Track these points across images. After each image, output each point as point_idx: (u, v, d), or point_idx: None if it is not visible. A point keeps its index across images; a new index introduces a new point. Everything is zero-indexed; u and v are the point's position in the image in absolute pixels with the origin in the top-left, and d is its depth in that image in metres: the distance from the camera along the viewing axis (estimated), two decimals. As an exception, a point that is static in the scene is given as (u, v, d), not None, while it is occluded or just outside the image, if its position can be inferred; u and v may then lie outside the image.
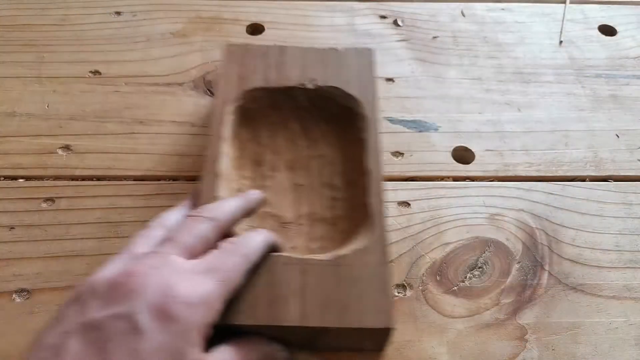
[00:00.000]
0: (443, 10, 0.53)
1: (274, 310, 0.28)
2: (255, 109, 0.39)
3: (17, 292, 0.34)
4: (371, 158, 0.35)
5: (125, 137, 0.42)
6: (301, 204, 0.36)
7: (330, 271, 0.30)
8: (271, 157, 0.39)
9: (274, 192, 0.37)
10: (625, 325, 0.34)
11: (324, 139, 0.40)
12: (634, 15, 0.54)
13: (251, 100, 0.39)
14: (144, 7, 0.52)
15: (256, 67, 0.40)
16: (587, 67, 0.49)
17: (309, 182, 0.37)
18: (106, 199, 0.39)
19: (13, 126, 0.43)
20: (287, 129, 0.40)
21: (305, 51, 0.41)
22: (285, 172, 0.38)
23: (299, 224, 0.36)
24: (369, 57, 0.41)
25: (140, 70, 0.47)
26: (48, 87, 0.45)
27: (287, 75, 0.39)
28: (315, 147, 0.39)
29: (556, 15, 0.53)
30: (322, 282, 0.30)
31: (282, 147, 0.39)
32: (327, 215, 0.36)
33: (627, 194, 0.40)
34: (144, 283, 0.24)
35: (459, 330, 0.33)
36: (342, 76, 0.39)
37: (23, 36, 0.49)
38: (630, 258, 0.37)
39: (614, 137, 0.44)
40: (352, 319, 0.28)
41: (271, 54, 0.41)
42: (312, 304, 0.29)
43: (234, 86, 0.38)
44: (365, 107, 0.38)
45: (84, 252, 0.36)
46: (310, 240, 0.35)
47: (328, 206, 0.36)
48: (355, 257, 0.31)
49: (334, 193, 0.37)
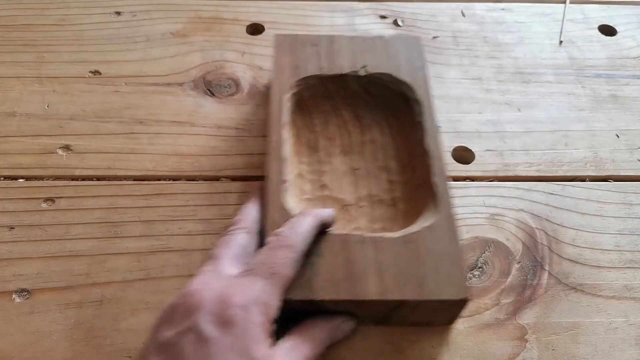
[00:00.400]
0: (443, 10, 0.53)
1: (353, 286, 0.30)
2: (309, 96, 0.41)
3: (17, 292, 0.34)
4: (431, 140, 0.36)
5: (125, 137, 0.42)
6: (359, 187, 0.38)
7: (403, 248, 0.31)
8: (325, 143, 0.40)
9: (331, 177, 0.38)
10: (625, 325, 0.34)
11: (375, 124, 0.41)
12: (634, 15, 0.54)
13: (305, 88, 0.40)
14: (144, 7, 0.52)
15: (307, 56, 0.41)
16: (587, 67, 0.49)
17: (365, 166, 0.39)
18: (106, 199, 0.39)
19: (13, 126, 0.43)
20: (338, 116, 0.41)
21: (353, 40, 0.42)
22: (341, 157, 0.39)
23: (359, 205, 0.37)
24: (417, 44, 0.42)
25: (140, 70, 0.47)
26: (48, 87, 0.46)
27: (338, 64, 0.41)
28: (366, 132, 0.41)
29: (556, 15, 0.53)
30: (396, 258, 0.31)
31: (334, 133, 0.41)
32: (386, 197, 0.37)
33: (627, 194, 0.40)
34: (199, 299, 0.27)
35: (459, 330, 0.33)
36: (392, 63, 0.41)
37: (23, 36, 0.49)
38: (630, 258, 0.37)
39: (614, 137, 0.44)
40: (429, 291, 0.30)
41: (321, 43, 0.42)
42: (390, 278, 0.30)
43: (288, 75, 0.40)
44: (417, 92, 0.39)
45: (84, 252, 0.36)
46: (372, 221, 0.36)
47: (386, 188, 0.37)
48: (425, 234, 0.32)
49: (390, 176, 0.38)
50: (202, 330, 0.26)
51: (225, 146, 0.42)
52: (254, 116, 0.44)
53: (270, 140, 0.36)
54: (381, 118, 0.41)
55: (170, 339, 0.26)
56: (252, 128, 0.43)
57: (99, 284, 0.35)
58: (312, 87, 0.40)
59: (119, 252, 0.36)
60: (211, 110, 0.44)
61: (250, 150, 0.42)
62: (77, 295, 0.34)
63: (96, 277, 0.35)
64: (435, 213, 0.33)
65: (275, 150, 0.35)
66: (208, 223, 0.38)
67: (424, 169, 0.36)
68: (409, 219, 0.35)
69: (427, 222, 0.33)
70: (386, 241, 0.32)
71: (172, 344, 0.26)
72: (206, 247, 0.36)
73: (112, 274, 0.35)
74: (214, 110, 0.44)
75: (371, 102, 0.42)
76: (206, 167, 0.41)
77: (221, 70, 0.47)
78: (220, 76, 0.47)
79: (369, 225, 0.36)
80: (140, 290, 0.34)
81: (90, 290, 0.34)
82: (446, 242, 0.32)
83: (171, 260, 0.36)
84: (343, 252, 0.31)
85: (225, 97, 0.45)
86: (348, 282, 0.30)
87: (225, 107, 0.45)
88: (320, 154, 0.39)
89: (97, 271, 0.35)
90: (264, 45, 0.49)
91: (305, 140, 0.40)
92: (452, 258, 0.31)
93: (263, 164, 0.38)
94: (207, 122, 0.43)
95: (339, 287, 0.30)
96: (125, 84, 0.46)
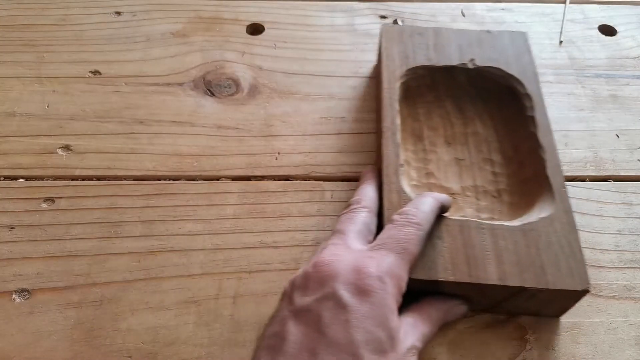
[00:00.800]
0: (443, 10, 0.53)
1: (473, 270, 0.31)
2: (415, 86, 0.41)
3: (17, 292, 0.34)
4: (543, 134, 0.37)
5: (125, 137, 0.42)
6: (464, 177, 0.38)
7: (520, 236, 0.32)
8: (428, 132, 0.41)
9: (437, 166, 0.39)
10: (625, 325, 0.34)
11: (478, 117, 0.42)
12: (634, 15, 0.54)
13: (414, 78, 0.41)
14: (144, 7, 0.52)
15: (415, 47, 0.42)
16: (587, 67, 0.49)
17: (469, 157, 0.39)
18: (106, 199, 0.39)
19: (13, 126, 0.43)
20: (442, 107, 0.42)
21: (459, 33, 0.43)
22: (444, 147, 0.40)
23: (465, 195, 0.37)
24: (524, 39, 0.43)
25: (140, 70, 0.47)
26: (48, 87, 0.46)
27: (446, 55, 0.42)
28: (469, 124, 0.41)
29: (556, 15, 0.53)
30: (515, 246, 0.32)
31: (437, 123, 0.41)
32: (491, 188, 0.38)
33: (627, 194, 0.40)
34: (335, 268, 0.27)
35: (459, 331, 0.33)
36: (500, 57, 0.42)
37: (23, 36, 0.49)
38: (630, 258, 0.37)
39: (614, 137, 0.44)
40: (551, 280, 0.30)
41: (427, 34, 0.43)
42: (509, 265, 0.31)
43: (397, 64, 0.41)
44: (528, 87, 0.39)
45: (84, 252, 0.36)
46: (479, 210, 0.37)
47: (490, 180, 0.38)
48: (543, 225, 0.32)
49: (494, 168, 0.39)
50: (341, 297, 0.26)
51: (225, 146, 0.42)
52: (253, 116, 0.44)
53: (383, 126, 0.37)
54: (483, 111, 0.42)
55: (308, 305, 0.26)
56: (252, 128, 0.43)
57: (99, 284, 0.35)
58: (420, 78, 0.41)
59: (119, 252, 0.36)
60: (211, 110, 0.44)
61: (250, 150, 0.42)
62: (77, 295, 0.34)
63: (96, 277, 0.35)
64: (552, 205, 0.33)
65: (391, 135, 0.36)
66: (208, 223, 0.38)
67: (536, 163, 0.36)
68: (515, 211, 0.35)
69: (543, 213, 0.33)
70: (504, 229, 0.32)
71: (310, 310, 0.26)
72: (205, 247, 0.36)
73: (112, 274, 0.35)
74: (214, 110, 0.44)
75: (474, 94, 0.42)
76: (206, 167, 0.41)
77: (221, 70, 0.47)
78: (220, 76, 0.47)
79: (475, 214, 0.36)
80: (140, 290, 0.34)
81: (90, 290, 0.34)
82: (566, 233, 0.32)
83: (171, 260, 0.36)
84: (462, 236, 0.32)
85: (225, 97, 0.45)
86: (469, 266, 0.31)
87: (225, 107, 0.45)
88: (425, 143, 0.40)
89: (97, 271, 0.35)
90: (264, 45, 0.49)
91: (410, 129, 0.41)
92: (573, 249, 0.31)
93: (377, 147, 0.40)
94: (207, 122, 0.43)
95: (461, 270, 0.31)
96: (125, 84, 0.46)
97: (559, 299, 0.31)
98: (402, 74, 0.40)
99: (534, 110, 0.38)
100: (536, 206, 0.34)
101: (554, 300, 0.32)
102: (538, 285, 0.30)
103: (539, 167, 0.36)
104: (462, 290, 0.31)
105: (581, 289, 0.30)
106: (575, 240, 0.32)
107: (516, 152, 0.39)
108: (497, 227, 0.32)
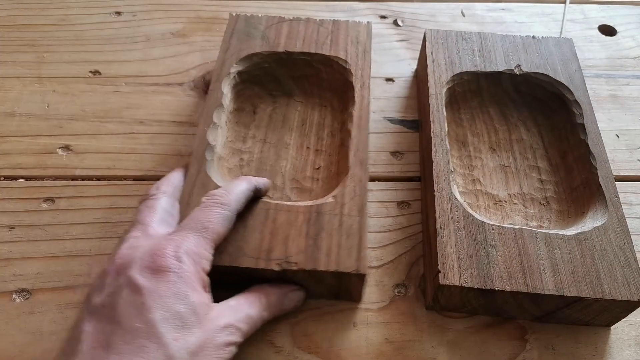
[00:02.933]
0: (443, 10, 0.53)
1: (531, 279, 0.31)
2: (461, 92, 0.41)
3: (17, 292, 0.34)
4: (594, 142, 0.37)
5: (125, 137, 0.42)
6: (510, 184, 0.38)
7: (575, 245, 0.32)
8: (472, 138, 0.41)
9: (482, 172, 0.39)
10: (625, 325, 0.34)
11: (522, 123, 0.42)
12: (634, 15, 0.54)
13: (460, 83, 0.41)
14: (144, 7, 0.52)
15: (460, 52, 0.42)
16: (587, 67, 0.49)
17: (514, 164, 0.39)
18: (106, 199, 0.39)
19: (13, 126, 0.43)
20: (485, 112, 0.42)
21: (504, 38, 0.43)
22: (489, 154, 0.40)
23: (512, 202, 0.37)
24: (570, 46, 0.43)
25: (140, 70, 0.47)
26: (48, 87, 0.46)
27: (492, 61, 0.41)
28: (514, 130, 0.41)
29: (556, 15, 0.53)
30: (570, 256, 0.32)
31: (481, 129, 0.41)
32: (538, 195, 0.38)
33: (627, 194, 0.40)
34: (131, 257, 0.27)
35: (459, 331, 0.33)
36: (546, 63, 0.41)
37: (23, 36, 0.49)
38: (630, 258, 0.37)
39: (614, 137, 0.44)
40: (606, 290, 0.30)
41: (472, 39, 0.43)
42: (565, 275, 0.31)
43: (443, 69, 0.41)
44: (576, 93, 0.39)
45: (84, 252, 0.36)
46: (527, 218, 0.37)
47: (537, 187, 0.38)
48: (599, 234, 0.32)
49: (540, 175, 0.39)
50: (136, 282, 0.26)
51: (225, 146, 0.42)
52: (254, 116, 0.44)
53: (432, 132, 0.37)
54: (528, 117, 0.42)
55: (102, 300, 0.26)
56: (252, 128, 0.43)
57: (99, 284, 0.35)
58: (465, 83, 0.41)
59: (119, 252, 0.36)
60: (211, 110, 0.44)
61: (250, 150, 0.42)
62: (77, 295, 0.34)
63: (96, 277, 0.35)
64: (605, 214, 0.33)
65: (440, 141, 0.36)
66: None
67: (586, 171, 0.36)
68: (564, 219, 0.36)
69: (596, 222, 0.33)
70: (559, 238, 0.32)
71: (104, 305, 0.26)
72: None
73: (112, 274, 0.35)
74: (214, 110, 0.44)
75: (519, 100, 0.42)
76: (206, 167, 0.41)
77: (221, 70, 0.47)
78: (220, 76, 0.47)
79: (524, 222, 0.36)
80: (140, 290, 0.34)
81: (90, 290, 0.34)
82: (620, 242, 0.32)
83: (171, 260, 0.36)
84: (516, 244, 0.32)
85: (225, 97, 0.45)
86: (524, 275, 0.31)
87: (225, 107, 0.45)
88: (469, 149, 0.40)
89: (97, 271, 0.35)
90: (264, 45, 0.49)
91: (454, 135, 0.41)
92: (627, 258, 0.31)
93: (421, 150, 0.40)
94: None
95: (517, 279, 0.30)
96: (125, 84, 0.46)
97: (613, 309, 0.31)
98: (448, 80, 0.40)
99: (583, 117, 0.38)
100: (588, 215, 0.34)
101: (607, 311, 0.31)
102: (594, 295, 0.30)
103: (590, 176, 0.36)
104: (519, 300, 0.31)
105: (638, 299, 0.30)
106: (629, 250, 0.32)
107: (563, 160, 0.39)
108: (553, 235, 0.32)
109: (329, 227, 0.32)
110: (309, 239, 0.31)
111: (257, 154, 0.39)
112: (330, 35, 0.42)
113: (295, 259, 0.30)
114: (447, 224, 0.32)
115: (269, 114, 0.41)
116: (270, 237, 0.31)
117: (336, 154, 0.38)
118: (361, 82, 0.39)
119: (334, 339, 0.32)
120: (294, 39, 0.42)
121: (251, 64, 0.41)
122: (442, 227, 0.32)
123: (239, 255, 0.31)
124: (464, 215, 0.33)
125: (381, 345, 0.32)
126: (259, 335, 0.32)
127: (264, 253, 0.31)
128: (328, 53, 0.41)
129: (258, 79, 0.42)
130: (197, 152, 0.35)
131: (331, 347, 0.32)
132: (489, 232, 0.32)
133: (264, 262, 0.30)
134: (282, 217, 0.32)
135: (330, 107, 0.41)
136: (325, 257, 0.31)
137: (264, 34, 0.42)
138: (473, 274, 0.30)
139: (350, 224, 0.32)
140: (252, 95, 0.42)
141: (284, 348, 0.32)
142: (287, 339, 0.32)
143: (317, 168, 0.38)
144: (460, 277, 0.30)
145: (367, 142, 0.36)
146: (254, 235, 0.31)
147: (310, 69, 0.42)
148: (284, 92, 0.42)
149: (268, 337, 0.32)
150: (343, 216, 0.32)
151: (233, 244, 0.31)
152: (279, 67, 0.42)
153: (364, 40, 0.42)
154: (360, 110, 0.38)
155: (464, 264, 0.31)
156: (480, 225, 0.32)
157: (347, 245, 0.31)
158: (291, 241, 0.31)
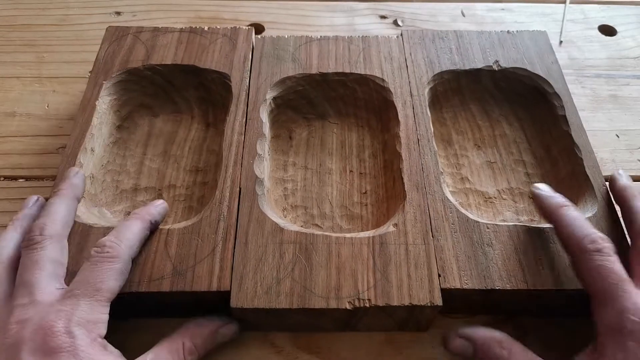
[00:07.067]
0: (443, 10, 0.53)
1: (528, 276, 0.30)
2: (442, 91, 0.41)
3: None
4: (577, 133, 0.37)
5: (125, 137, 0.42)
6: (498, 180, 0.38)
7: None
8: (457, 137, 0.41)
9: (470, 170, 0.39)
10: (625, 325, 0.34)
11: (503, 118, 0.42)
12: (634, 15, 0.54)
13: (440, 82, 0.41)
14: (144, 7, 0.52)
15: (439, 51, 0.42)
16: (587, 67, 0.49)
17: (500, 160, 0.39)
18: (106, 199, 0.39)
19: (13, 126, 0.43)
20: (467, 110, 0.42)
21: (480, 35, 0.43)
22: (475, 151, 0.40)
23: (502, 198, 0.37)
24: (544, 39, 0.43)
25: (140, 70, 0.47)
26: (48, 87, 0.45)
27: (471, 58, 0.41)
28: (496, 126, 0.41)
29: (556, 15, 0.53)
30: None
31: (465, 127, 0.41)
32: (526, 189, 0.38)
33: (627, 194, 0.40)
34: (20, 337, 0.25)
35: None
36: (523, 57, 0.41)
37: (23, 36, 0.49)
38: (630, 258, 0.37)
39: (614, 137, 0.44)
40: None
41: (449, 38, 0.43)
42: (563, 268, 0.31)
43: (423, 70, 0.41)
44: (555, 86, 0.39)
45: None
46: (517, 213, 0.37)
47: (525, 181, 0.38)
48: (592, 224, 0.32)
49: (526, 169, 0.39)
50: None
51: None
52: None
53: (418, 134, 0.37)
54: (509, 112, 0.42)
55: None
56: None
57: (99, 284, 0.35)
58: (446, 82, 0.41)
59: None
60: (211, 110, 0.44)
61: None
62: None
63: (96, 277, 0.35)
64: (595, 204, 0.33)
65: (427, 143, 0.36)
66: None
67: (572, 162, 0.36)
68: None
69: (587, 213, 0.33)
70: (552, 232, 0.32)
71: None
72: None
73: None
74: (214, 110, 0.44)
75: (499, 96, 0.42)
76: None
77: (221, 70, 0.47)
78: (220, 76, 0.47)
79: (515, 217, 0.36)
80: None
81: (90, 290, 0.34)
82: (612, 230, 0.32)
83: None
84: (512, 242, 0.32)
85: (225, 97, 0.45)
86: (523, 272, 0.30)
87: (225, 107, 0.44)
88: (455, 147, 0.40)
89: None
90: (264, 45, 0.49)
91: (439, 134, 0.40)
92: (622, 247, 0.31)
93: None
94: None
95: (516, 277, 0.30)
96: (125, 84, 0.46)
97: None
98: (429, 80, 0.40)
99: (564, 109, 0.38)
100: (579, 206, 0.34)
101: None
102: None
103: (576, 167, 0.36)
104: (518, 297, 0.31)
105: None
106: (622, 239, 0.32)
107: (547, 153, 0.39)
108: (546, 230, 0.32)
109: (396, 258, 0.31)
110: (377, 272, 0.30)
111: (301, 182, 0.38)
112: (362, 53, 0.41)
113: (367, 295, 0.29)
114: (442, 227, 0.32)
115: (305, 138, 0.40)
116: (337, 273, 0.30)
117: (381, 176, 0.38)
118: (402, 100, 0.38)
119: (334, 339, 0.32)
120: (326, 59, 0.41)
121: (285, 88, 0.40)
122: (438, 230, 0.32)
123: (309, 297, 0.29)
124: (458, 216, 0.33)
125: (381, 345, 0.32)
126: (259, 336, 0.32)
127: (333, 292, 0.29)
128: (363, 72, 0.40)
129: (292, 103, 0.41)
130: (247, 186, 0.34)
131: (331, 347, 0.32)
132: (484, 231, 0.32)
133: (334, 301, 0.29)
134: (345, 250, 0.31)
135: (367, 127, 0.41)
136: (397, 290, 0.30)
137: (294, 55, 0.41)
138: (473, 275, 0.30)
139: (417, 253, 0.31)
140: (286, 120, 0.41)
141: (284, 348, 0.32)
142: (287, 339, 0.32)
143: (364, 192, 0.37)
144: (460, 280, 0.30)
145: (420, 165, 0.35)
146: (321, 272, 0.30)
147: (345, 89, 0.41)
148: (317, 115, 0.41)
149: (268, 337, 0.32)
150: (408, 245, 0.31)
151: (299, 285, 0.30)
152: (313, 89, 0.41)
153: (397, 56, 0.41)
154: (407, 131, 0.37)
155: (462, 265, 0.31)
156: (475, 225, 0.32)
157: (417, 276, 0.30)
158: (360, 276, 0.30)
